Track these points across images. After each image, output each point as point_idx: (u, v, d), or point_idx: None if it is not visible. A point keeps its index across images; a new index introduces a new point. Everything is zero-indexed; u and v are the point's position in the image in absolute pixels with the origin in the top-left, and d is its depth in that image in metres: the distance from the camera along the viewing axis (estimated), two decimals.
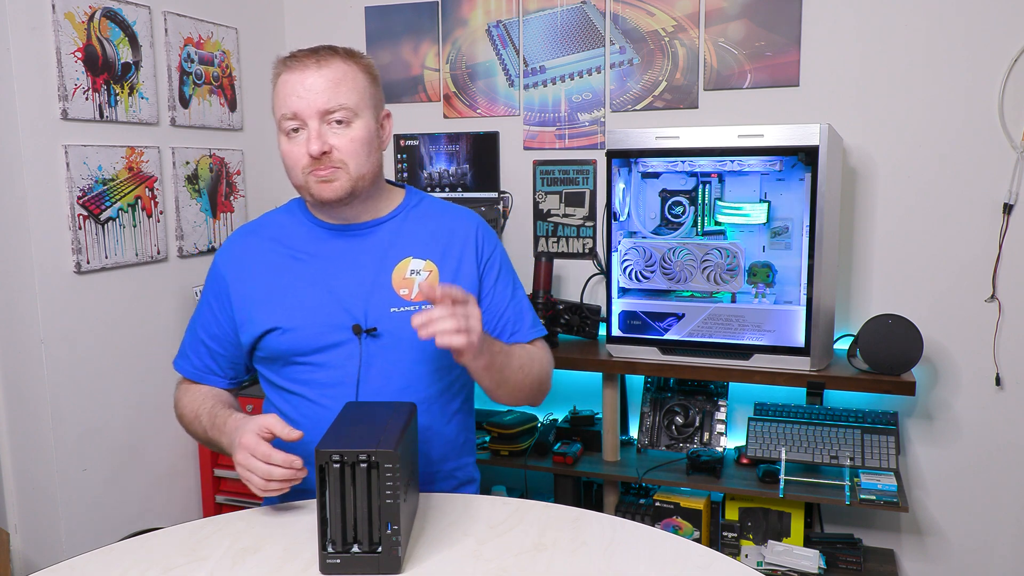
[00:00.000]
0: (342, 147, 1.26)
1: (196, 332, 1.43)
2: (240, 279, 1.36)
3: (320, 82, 1.25)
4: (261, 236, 1.40)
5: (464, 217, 1.42)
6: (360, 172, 1.28)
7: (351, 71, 1.28)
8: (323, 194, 1.27)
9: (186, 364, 1.46)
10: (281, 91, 1.30)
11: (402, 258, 1.34)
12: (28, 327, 1.88)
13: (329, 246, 1.35)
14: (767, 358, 2.03)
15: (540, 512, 1.22)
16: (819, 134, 1.91)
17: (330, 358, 1.30)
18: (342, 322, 1.30)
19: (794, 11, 2.19)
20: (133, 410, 2.13)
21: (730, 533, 2.16)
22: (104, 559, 1.09)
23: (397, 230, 1.37)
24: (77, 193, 1.93)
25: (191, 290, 2.30)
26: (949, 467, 2.20)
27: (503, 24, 2.48)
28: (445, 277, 1.34)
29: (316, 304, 1.31)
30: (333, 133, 1.26)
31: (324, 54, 1.28)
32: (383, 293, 1.31)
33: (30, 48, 1.83)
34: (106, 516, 2.06)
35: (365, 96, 1.29)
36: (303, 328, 1.30)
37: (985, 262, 2.11)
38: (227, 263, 1.39)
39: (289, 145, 1.29)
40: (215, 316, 1.39)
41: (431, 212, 1.41)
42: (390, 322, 1.30)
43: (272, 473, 1.13)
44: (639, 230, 2.19)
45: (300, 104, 1.25)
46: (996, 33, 2.04)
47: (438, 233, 1.37)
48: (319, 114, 1.25)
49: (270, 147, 2.68)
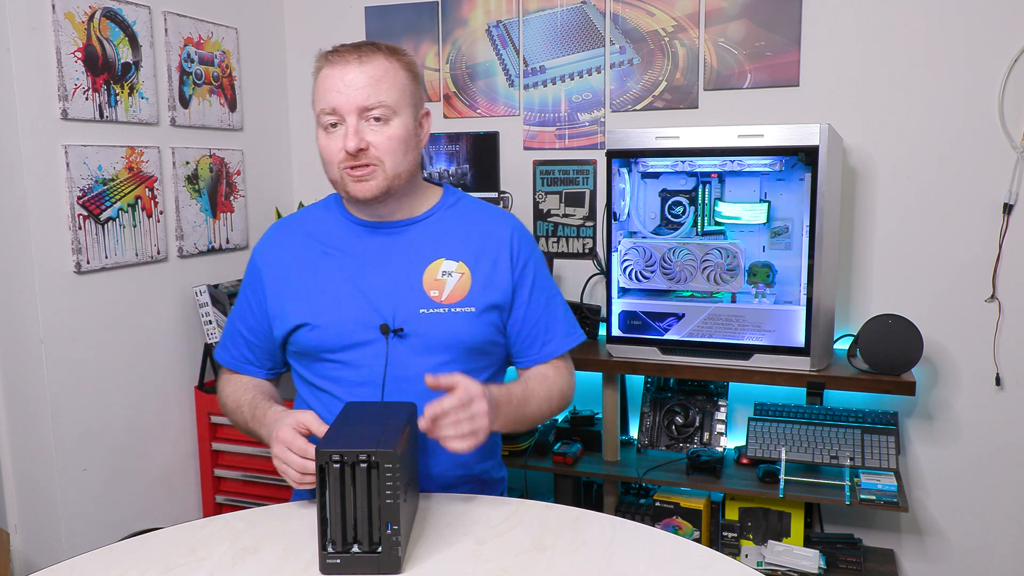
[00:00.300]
0: (379, 144, 1.26)
1: (235, 323, 1.44)
2: (274, 273, 1.37)
3: (361, 78, 1.24)
4: (297, 231, 1.41)
5: (501, 220, 1.40)
6: (396, 171, 1.28)
7: (392, 68, 1.27)
8: (358, 192, 1.28)
9: (226, 354, 1.47)
10: (321, 85, 1.27)
11: (435, 259, 1.33)
12: (28, 327, 1.88)
13: (362, 243, 1.35)
14: (767, 358, 2.03)
15: (540, 512, 1.22)
16: (819, 134, 1.91)
17: (357, 356, 1.30)
18: (370, 321, 1.29)
19: (794, 11, 2.19)
20: (133, 410, 2.13)
21: (730, 533, 2.16)
22: (104, 559, 1.09)
23: (431, 230, 1.35)
24: (77, 193, 1.93)
25: (191, 290, 2.30)
26: (949, 467, 2.20)
27: (503, 24, 2.48)
28: (478, 280, 1.32)
29: (345, 302, 1.31)
30: (371, 130, 1.26)
31: (366, 50, 1.26)
32: (413, 293, 1.31)
33: (30, 48, 1.83)
34: (106, 516, 2.06)
35: (405, 94, 1.28)
36: (331, 325, 1.30)
37: (985, 262, 2.11)
38: (263, 256, 1.40)
39: (326, 140, 1.29)
40: (251, 308, 1.40)
41: (467, 212, 1.39)
42: (419, 323, 1.29)
43: (307, 467, 1.15)
44: (639, 230, 2.19)
45: (339, 99, 1.24)
46: (996, 33, 2.04)
47: (473, 235, 1.36)
48: (358, 110, 1.24)
49: (270, 147, 2.68)
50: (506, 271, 1.35)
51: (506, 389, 1.30)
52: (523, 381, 1.37)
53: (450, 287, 1.31)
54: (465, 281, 1.32)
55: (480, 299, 1.32)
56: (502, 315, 1.35)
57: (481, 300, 1.32)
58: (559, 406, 1.41)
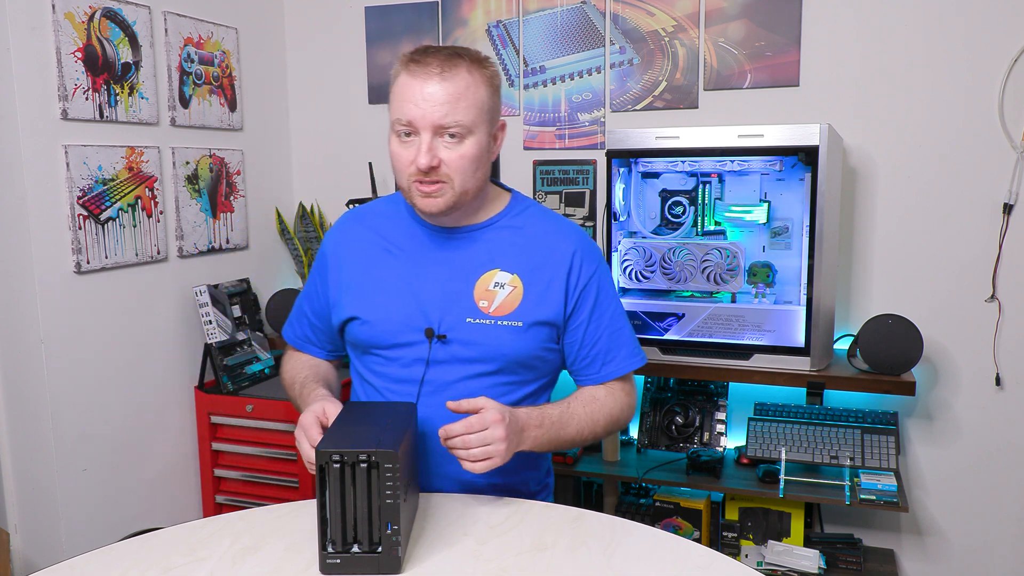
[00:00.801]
0: (451, 162, 1.24)
1: (302, 303, 1.48)
2: (338, 263, 1.40)
3: (440, 94, 1.21)
4: (365, 224, 1.42)
5: (566, 237, 1.36)
6: (465, 188, 1.26)
7: (473, 84, 1.23)
8: (424, 207, 1.27)
9: (290, 332, 1.51)
10: (400, 93, 1.24)
11: (489, 269, 1.32)
12: (28, 327, 1.88)
13: (422, 245, 1.35)
14: (767, 358, 2.03)
15: (540, 512, 1.22)
16: (819, 134, 1.91)
17: (400, 356, 1.32)
18: (417, 323, 1.30)
19: (794, 11, 2.19)
20: (133, 410, 2.13)
21: (730, 533, 2.16)
22: (104, 559, 1.09)
23: (492, 238, 1.34)
24: (77, 193, 1.93)
25: (191, 290, 2.30)
26: (949, 467, 2.20)
27: (503, 24, 2.48)
28: (530, 296, 1.31)
29: (396, 301, 1.32)
30: (444, 146, 1.23)
31: (451, 63, 1.22)
32: (463, 302, 1.31)
33: (30, 48, 1.83)
34: (106, 516, 2.06)
35: (483, 111, 1.25)
36: (380, 323, 1.32)
37: (985, 262, 2.11)
38: (331, 244, 1.43)
39: (399, 147, 1.26)
40: (316, 291, 1.44)
41: (532, 223, 1.37)
42: (464, 332, 1.30)
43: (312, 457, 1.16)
44: (639, 230, 2.19)
45: (416, 113, 1.21)
46: (996, 33, 2.04)
47: (533, 248, 1.34)
48: (433, 127, 1.21)
49: (270, 147, 2.68)
50: (559, 291, 1.33)
51: (539, 412, 1.29)
52: (565, 402, 1.35)
53: (500, 299, 1.31)
54: (516, 295, 1.31)
55: (529, 315, 1.31)
56: (553, 332, 1.34)
57: (530, 316, 1.31)
58: (607, 429, 1.38)
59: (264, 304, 2.54)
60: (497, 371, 1.31)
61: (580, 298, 1.34)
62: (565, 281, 1.33)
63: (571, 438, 1.33)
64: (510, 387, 1.33)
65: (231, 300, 2.40)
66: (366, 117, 2.66)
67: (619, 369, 1.39)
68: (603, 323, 1.37)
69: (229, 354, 2.33)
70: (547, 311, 1.32)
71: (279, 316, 2.49)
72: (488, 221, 1.36)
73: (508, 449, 1.18)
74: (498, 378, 1.31)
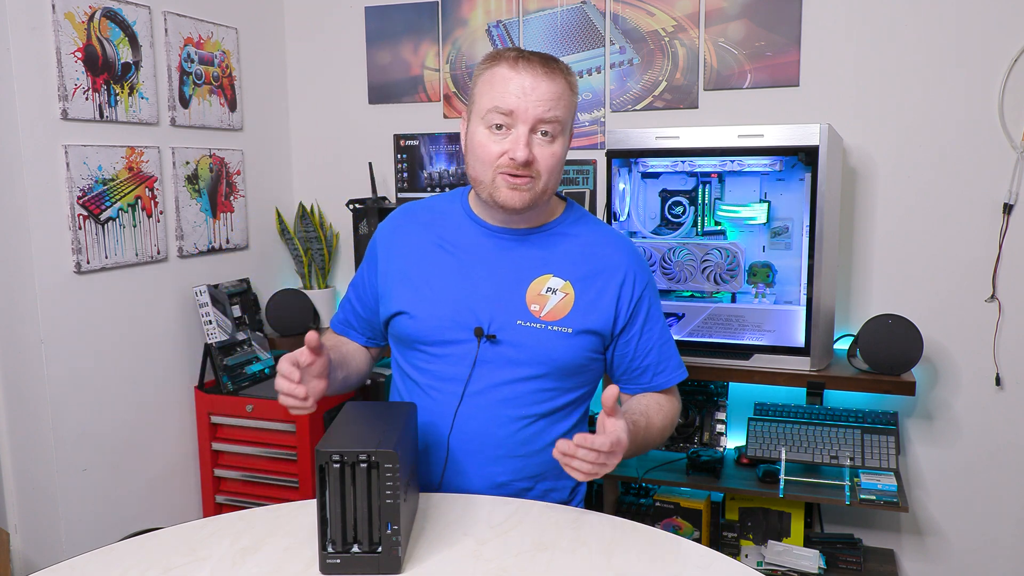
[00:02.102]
0: (543, 160, 1.26)
1: (349, 295, 1.51)
2: (389, 255, 1.40)
3: (545, 90, 1.24)
4: (419, 219, 1.42)
5: (619, 249, 1.39)
6: (547, 187, 1.29)
7: (568, 88, 1.28)
8: (509, 200, 1.27)
9: (335, 317, 1.55)
10: (500, 84, 1.25)
11: (542, 273, 1.33)
12: (28, 327, 1.88)
13: (477, 244, 1.36)
14: (767, 358, 2.03)
15: (540, 512, 1.22)
16: (819, 134, 1.91)
17: (448, 353, 1.32)
18: (467, 322, 1.31)
19: (794, 11, 2.19)
20: (133, 410, 2.13)
21: (730, 533, 2.16)
22: (104, 559, 1.09)
23: (547, 243, 1.36)
24: (77, 193, 1.93)
25: (191, 290, 2.30)
26: (949, 467, 2.20)
27: (503, 24, 2.48)
28: (580, 304, 1.32)
29: (447, 299, 1.33)
30: (538, 143, 1.26)
31: (552, 64, 1.27)
32: (515, 304, 1.32)
33: (30, 48, 1.83)
34: (106, 516, 2.06)
35: (571, 116, 1.30)
36: (429, 319, 1.33)
37: (985, 262, 2.11)
38: (384, 236, 1.44)
39: (488, 139, 1.27)
40: (364, 282, 1.46)
41: (586, 232, 1.39)
42: (514, 334, 1.30)
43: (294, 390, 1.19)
44: (639, 230, 2.19)
45: (519, 104, 1.24)
46: (996, 33, 2.04)
47: (586, 257, 1.35)
48: (534, 121, 1.24)
49: (270, 147, 2.68)
50: (610, 302, 1.34)
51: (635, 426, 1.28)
52: (646, 415, 1.35)
53: (551, 304, 1.32)
54: (567, 301, 1.32)
55: (579, 322, 1.32)
56: (599, 341, 1.35)
57: (579, 323, 1.32)
58: (669, 432, 1.43)
59: (264, 304, 2.54)
60: (543, 375, 1.31)
61: (634, 311, 1.36)
62: (618, 293, 1.35)
63: (643, 447, 1.35)
64: (554, 393, 1.33)
65: (231, 300, 2.40)
66: (366, 117, 2.66)
67: (669, 380, 1.42)
68: (654, 336, 1.40)
69: (229, 354, 2.33)
70: (596, 320, 1.33)
71: (279, 316, 2.49)
72: (544, 227, 1.37)
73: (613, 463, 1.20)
74: (543, 383, 1.31)
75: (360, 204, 2.48)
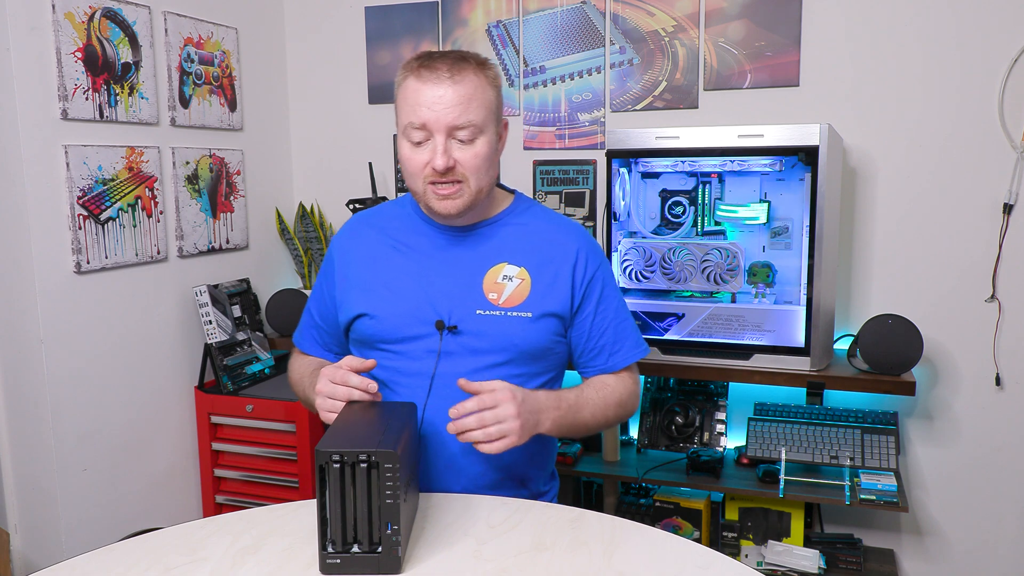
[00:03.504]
0: (465, 162, 1.28)
1: (310, 308, 1.51)
2: (345, 263, 1.42)
3: (453, 97, 1.25)
4: (372, 225, 1.45)
5: (570, 233, 1.41)
6: (479, 186, 1.30)
7: (481, 85, 1.28)
8: (442, 209, 1.30)
9: (299, 336, 1.54)
10: (411, 98, 1.27)
11: (497, 262, 1.36)
12: (28, 327, 1.88)
13: (430, 242, 1.39)
14: (767, 358, 2.03)
15: (540, 512, 1.22)
16: (819, 134, 1.91)
17: (410, 349, 1.33)
18: (427, 316, 1.33)
19: (794, 11, 2.19)
20: (133, 410, 2.13)
21: (730, 533, 2.16)
22: (104, 559, 1.09)
23: (498, 234, 1.39)
24: (77, 193, 1.93)
25: (191, 290, 2.30)
26: (949, 467, 2.20)
27: (503, 24, 2.48)
28: (537, 287, 1.35)
29: (405, 296, 1.35)
30: (458, 147, 1.27)
31: (459, 67, 1.26)
32: (472, 294, 1.34)
33: (30, 48, 1.83)
34: (106, 516, 2.06)
35: (491, 110, 1.30)
36: (389, 318, 1.35)
37: (985, 262, 2.11)
38: (338, 247, 1.46)
39: (412, 153, 1.29)
40: (322, 295, 1.47)
41: (536, 221, 1.41)
42: (474, 323, 1.32)
43: (352, 395, 1.19)
44: (639, 230, 2.19)
45: (429, 116, 1.25)
46: (996, 33, 2.04)
47: (539, 243, 1.38)
48: (447, 129, 1.25)
49: (270, 147, 2.68)
50: (566, 285, 1.36)
51: (556, 395, 1.31)
52: (579, 388, 1.38)
53: (509, 291, 1.34)
54: (524, 287, 1.34)
55: (537, 306, 1.34)
56: (560, 324, 1.37)
57: (538, 307, 1.34)
58: (617, 415, 1.42)
59: (264, 304, 2.54)
60: (508, 362, 1.33)
61: (587, 291, 1.38)
62: (571, 275, 1.37)
63: (586, 422, 1.35)
64: (521, 379, 1.34)
65: (231, 300, 2.40)
66: (366, 117, 2.66)
67: (626, 359, 1.43)
68: (609, 315, 1.41)
69: (229, 354, 2.33)
70: (554, 303, 1.35)
71: (279, 316, 2.48)
72: (493, 219, 1.40)
73: (523, 428, 1.20)
74: (509, 369, 1.32)
75: (360, 204, 2.48)
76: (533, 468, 1.41)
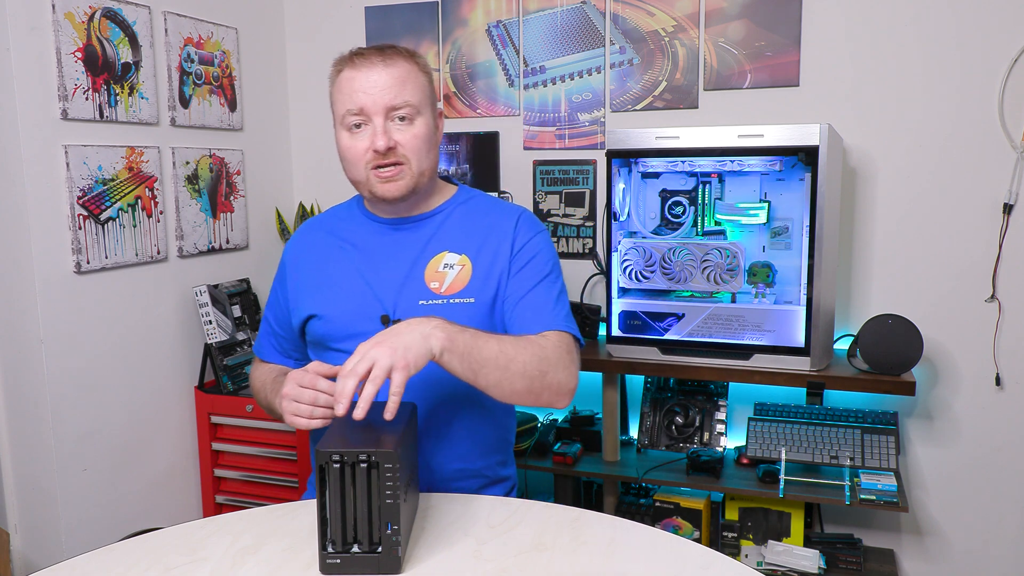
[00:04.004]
0: (405, 143, 1.30)
1: (267, 316, 1.53)
2: (296, 267, 1.44)
3: (387, 79, 1.29)
4: (321, 228, 1.47)
5: (508, 212, 1.42)
6: (421, 168, 1.33)
7: (413, 70, 1.32)
8: (386, 192, 1.32)
9: (257, 345, 1.55)
10: (346, 87, 1.31)
11: (439, 252, 1.37)
12: (28, 327, 1.88)
13: (375, 238, 1.40)
14: (767, 358, 2.03)
15: (540, 512, 1.22)
16: (819, 134, 1.91)
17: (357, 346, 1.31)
18: (373, 312, 1.34)
19: (794, 11, 2.19)
20: (133, 410, 2.13)
21: (730, 533, 2.16)
22: (104, 559, 1.09)
23: (441, 224, 1.40)
24: (77, 193, 1.93)
25: (191, 290, 2.30)
26: (949, 467, 2.20)
27: (503, 24, 2.48)
28: (478, 271, 1.35)
29: (352, 293, 1.36)
30: (397, 129, 1.30)
31: (389, 52, 1.31)
32: (415, 285, 1.35)
33: (30, 48, 1.83)
34: (106, 516, 2.06)
35: (426, 94, 1.34)
36: (337, 316, 1.36)
37: (985, 262, 2.11)
38: (290, 252, 1.48)
39: (351, 140, 1.31)
40: (278, 301, 1.48)
41: (478, 208, 1.43)
42: (418, 314, 1.28)
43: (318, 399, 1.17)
44: (639, 230, 2.19)
45: (366, 100, 1.28)
46: (996, 33, 2.04)
47: (479, 228, 1.39)
48: (385, 110, 1.29)
49: (270, 147, 2.68)
50: (505, 259, 1.36)
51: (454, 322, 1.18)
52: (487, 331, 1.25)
53: (450, 279, 1.35)
54: (465, 273, 1.35)
55: (480, 290, 1.34)
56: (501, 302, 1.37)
57: (481, 291, 1.34)
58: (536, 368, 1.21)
59: (264, 304, 2.54)
60: None
61: (520, 255, 1.37)
62: (510, 247, 1.37)
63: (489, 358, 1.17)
64: None
65: (231, 300, 2.40)
66: None
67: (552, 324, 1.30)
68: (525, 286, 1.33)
69: (229, 354, 2.33)
70: (495, 282, 1.35)
71: None
72: (436, 210, 1.41)
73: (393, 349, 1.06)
74: None
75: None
76: (491, 456, 1.41)
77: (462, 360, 1.15)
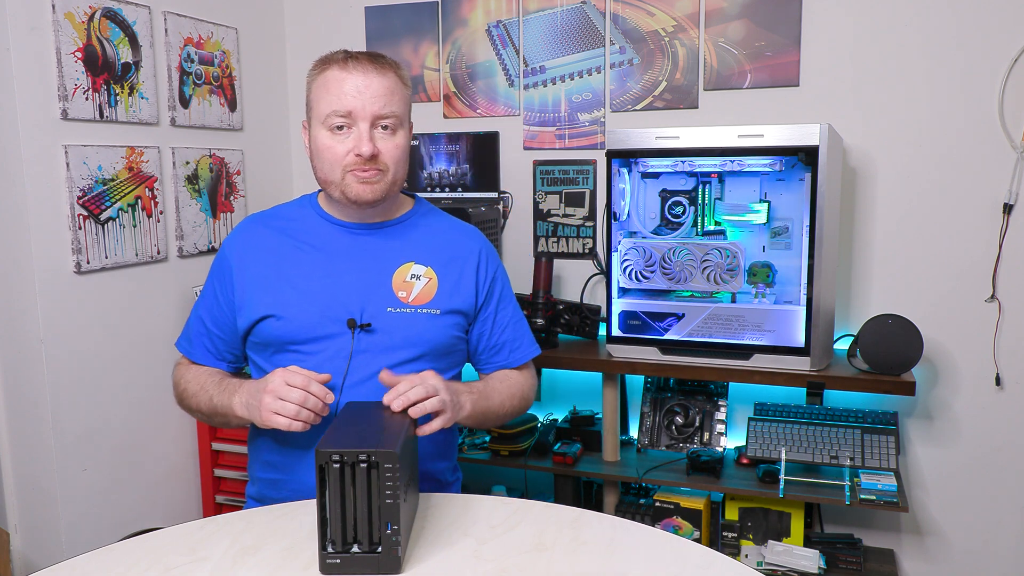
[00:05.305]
0: (387, 152, 1.33)
1: (200, 315, 1.45)
2: (243, 265, 1.40)
3: (378, 87, 1.31)
4: (270, 226, 1.43)
5: (470, 235, 1.48)
6: (396, 178, 1.36)
7: (400, 82, 1.35)
8: (362, 193, 1.33)
9: (187, 344, 1.48)
10: (334, 87, 1.31)
11: (405, 262, 1.39)
12: (28, 327, 1.88)
13: (336, 242, 1.40)
14: (767, 358, 2.03)
15: (540, 512, 1.22)
16: (819, 134, 1.91)
17: (321, 349, 1.33)
18: (338, 315, 1.33)
19: (794, 11, 2.19)
20: (133, 410, 2.13)
21: (730, 533, 2.16)
22: (104, 559, 1.09)
23: (403, 234, 1.42)
24: (77, 193, 1.93)
25: (191, 290, 2.30)
26: (949, 467, 2.20)
27: (503, 24, 2.48)
28: (444, 286, 1.39)
29: (315, 295, 1.35)
30: (380, 137, 1.32)
31: (380, 61, 1.34)
32: (382, 292, 1.36)
33: (30, 48, 1.83)
34: (106, 516, 2.06)
35: (408, 107, 1.38)
36: (298, 318, 1.34)
37: (985, 262, 2.11)
38: (233, 249, 1.42)
39: (332, 141, 1.32)
40: (217, 300, 1.42)
41: (438, 223, 1.48)
42: (385, 321, 1.34)
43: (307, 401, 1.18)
44: (639, 230, 2.19)
45: (356, 104, 1.30)
46: (996, 33, 2.04)
47: (443, 244, 1.43)
48: (372, 117, 1.31)
49: (270, 147, 2.68)
50: (470, 283, 1.42)
51: (467, 384, 1.37)
52: (484, 380, 1.45)
53: (417, 289, 1.38)
54: (432, 285, 1.38)
55: (445, 303, 1.38)
56: (465, 320, 1.42)
57: (446, 304, 1.38)
58: (521, 406, 1.48)
59: None
60: (419, 357, 1.35)
61: (489, 290, 1.45)
62: (475, 275, 1.43)
63: (495, 410, 1.41)
64: None
65: None
66: None
67: (524, 356, 1.51)
68: (508, 313, 1.49)
69: None
70: (459, 300, 1.40)
71: None
72: (398, 219, 1.44)
73: (452, 405, 1.24)
74: (420, 364, 1.34)
75: None
76: (440, 461, 1.44)
77: (473, 420, 1.35)
